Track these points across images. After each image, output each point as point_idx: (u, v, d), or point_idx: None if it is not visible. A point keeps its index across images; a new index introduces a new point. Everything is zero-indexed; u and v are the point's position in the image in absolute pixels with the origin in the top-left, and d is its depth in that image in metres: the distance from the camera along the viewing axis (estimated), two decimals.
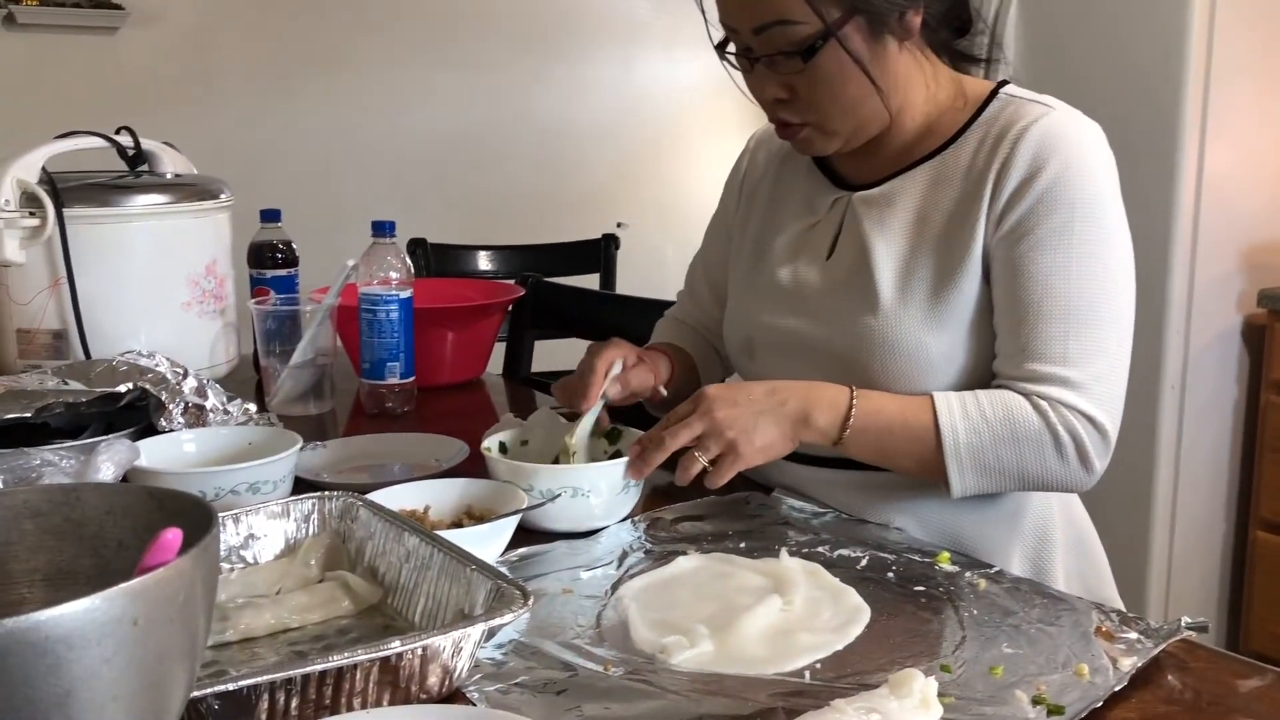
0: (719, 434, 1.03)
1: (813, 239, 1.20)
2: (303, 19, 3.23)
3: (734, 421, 1.03)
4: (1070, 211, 1.04)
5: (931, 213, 1.11)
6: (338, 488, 1.10)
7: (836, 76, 1.06)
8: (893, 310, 1.09)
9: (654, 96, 3.86)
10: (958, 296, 1.08)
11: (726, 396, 1.05)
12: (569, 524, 1.07)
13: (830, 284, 1.16)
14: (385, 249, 1.51)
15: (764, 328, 1.21)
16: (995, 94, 1.13)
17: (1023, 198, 1.05)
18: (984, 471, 1.05)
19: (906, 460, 1.08)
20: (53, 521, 0.66)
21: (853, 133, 1.12)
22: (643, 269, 3.57)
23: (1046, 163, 1.05)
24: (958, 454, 1.04)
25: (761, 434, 1.04)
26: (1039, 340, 1.04)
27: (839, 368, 1.12)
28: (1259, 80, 2.39)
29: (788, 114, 1.12)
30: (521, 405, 1.66)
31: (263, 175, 3.09)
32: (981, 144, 1.10)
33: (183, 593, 0.54)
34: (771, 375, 1.20)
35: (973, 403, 1.05)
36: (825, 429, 1.06)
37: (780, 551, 1.01)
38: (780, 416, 1.05)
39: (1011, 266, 1.06)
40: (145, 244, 1.50)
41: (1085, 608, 0.90)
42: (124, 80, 3.02)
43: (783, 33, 1.04)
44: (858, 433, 1.06)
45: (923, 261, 1.10)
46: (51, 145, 1.49)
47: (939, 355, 1.08)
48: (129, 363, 1.33)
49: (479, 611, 0.79)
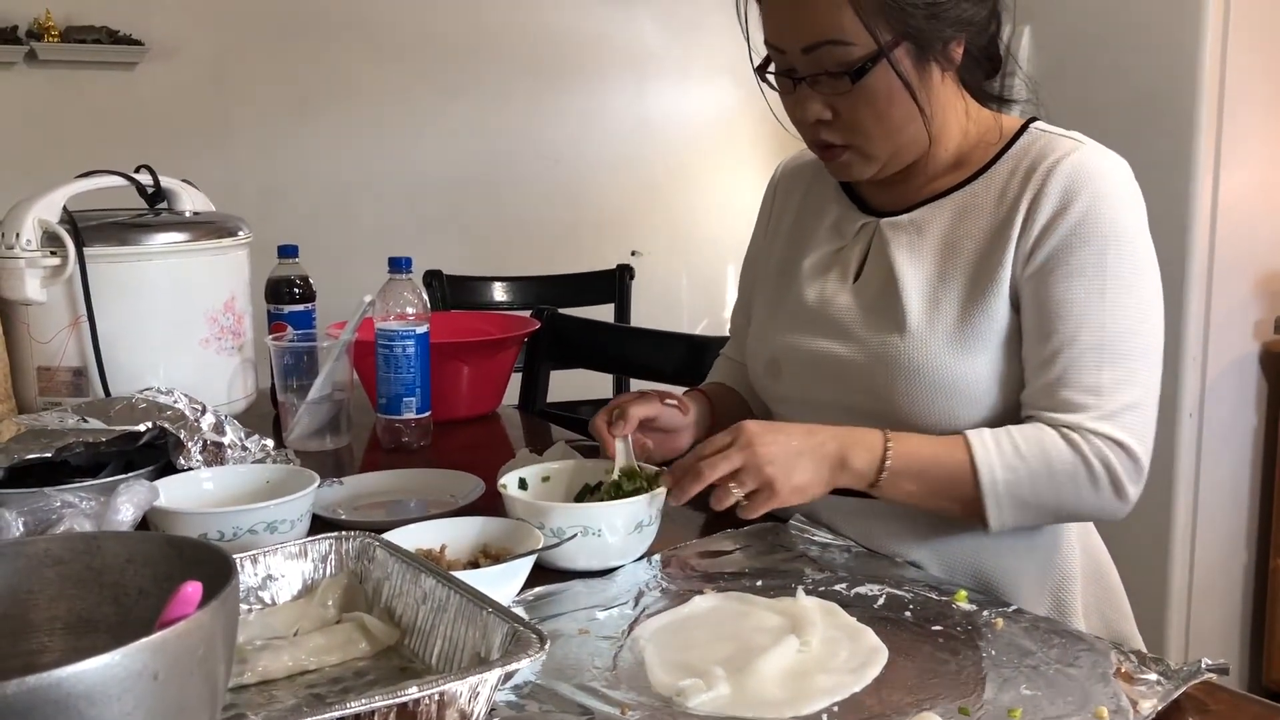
0: (757, 469, 1.03)
1: (839, 261, 1.21)
2: (319, 51, 3.27)
3: (773, 458, 1.03)
4: (1102, 243, 1.06)
5: (961, 240, 1.13)
6: (355, 526, 1.10)
7: (883, 98, 1.08)
8: (919, 333, 1.11)
9: (667, 125, 3.89)
10: (984, 322, 1.09)
11: (766, 432, 1.05)
12: (585, 563, 1.07)
13: (857, 306, 1.17)
14: (402, 285, 1.52)
15: (789, 348, 1.22)
16: (1025, 129, 1.15)
17: (1054, 231, 1.07)
18: (1021, 507, 1.06)
19: (943, 501, 1.08)
20: (74, 570, 0.67)
21: (891, 156, 1.13)
22: (658, 296, 3.59)
23: (1077, 196, 1.07)
24: (995, 492, 1.05)
25: (799, 473, 1.04)
26: (1072, 370, 1.06)
27: (864, 389, 1.14)
28: (1272, 107, 2.39)
29: (830, 135, 1.12)
30: (538, 438, 1.67)
31: (280, 207, 3.13)
32: (1012, 176, 1.12)
33: (203, 645, 0.54)
34: (796, 396, 1.23)
35: (1006, 439, 1.06)
36: (862, 471, 1.06)
37: (797, 590, 1.00)
38: (818, 458, 1.05)
39: (1043, 298, 1.08)
40: (164, 282, 1.51)
41: (1104, 648, 0.89)
42: (143, 114, 3.06)
43: (831, 52, 1.06)
44: (894, 475, 1.06)
45: (951, 287, 1.11)
46: (72, 185, 1.51)
47: (963, 379, 1.09)
48: (148, 400, 1.34)
49: (495, 655, 0.79)
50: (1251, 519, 2.49)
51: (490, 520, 1.08)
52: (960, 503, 1.07)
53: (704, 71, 3.92)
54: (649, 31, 3.80)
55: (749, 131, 4.05)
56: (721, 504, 1.04)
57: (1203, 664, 0.83)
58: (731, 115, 4.00)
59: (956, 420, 1.11)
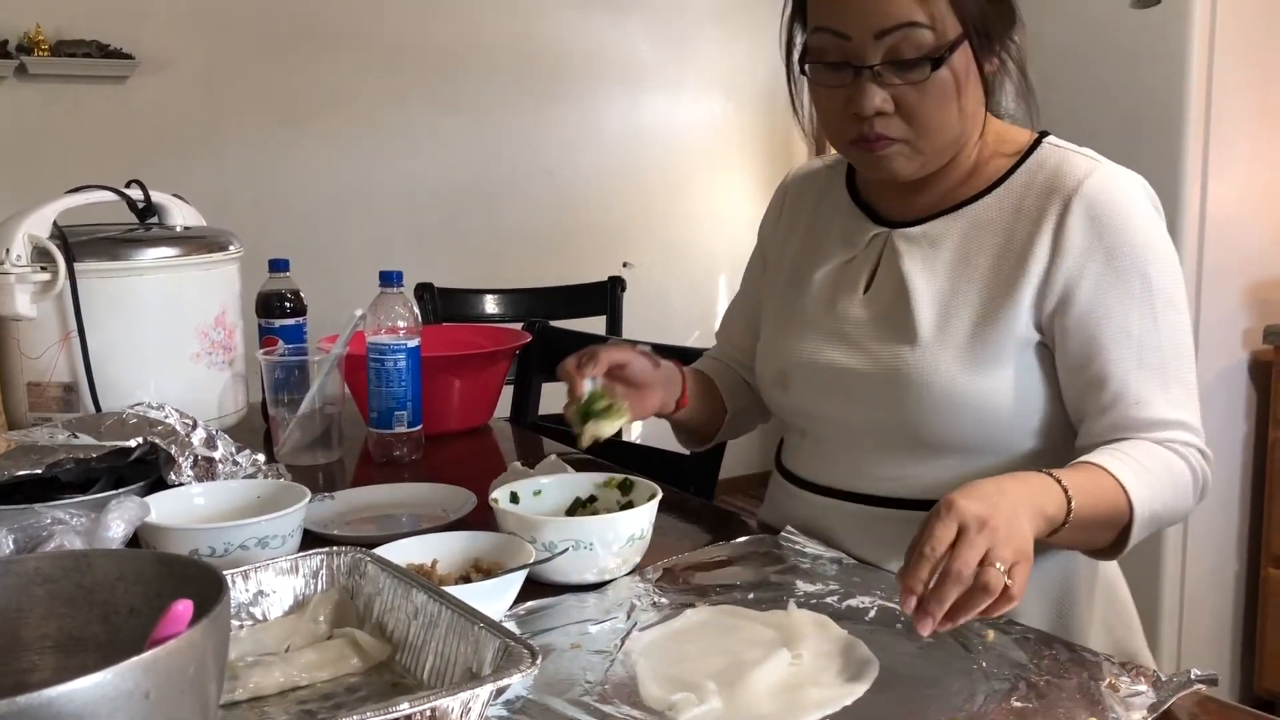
0: (1006, 541, 0.87)
1: (850, 272, 1.20)
2: (311, 64, 3.27)
3: (1010, 526, 0.88)
4: (1144, 266, 1.07)
5: (975, 255, 1.12)
6: (346, 541, 1.10)
7: (958, 88, 1.06)
8: (930, 345, 1.10)
9: (659, 138, 3.90)
10: (997, 338, 1.09)
11: (982, 502, 0.89)
12: (577, 576, 1.07)
13: (867, 317, 1.16)
14: (393, 298, 1.52)
15: (799, 360, 1.21)
16: (1038, 143, 1.15)
17: (1091, 261, 1.07)
18: (1152, 526, 1.04)
19: (1100, 534, 1.03)
20: (64, 588, 0.67)
21: (939, 153, 1.11)
22: (649, 307, 3.59)
23: (1109, 224, 1.07)
24: (1142, 516, 1.01)
25: (1029, 533, 0.91)
26: (1148, 391, 1.06)
27: (874, 402, 1.14)
28: (1259, 117, 2.40)
29: (886, 128, 1.08)
30: (529, 451, 1.67)
31: (271, 220, 3.13)
32: (1027, 191, 1.11)
33: (194, 664, 0.54)
34: (806, 407, 1.22)
35: (1132, 461, 1.03)
36: (1055, 517, 0.96)
37: (789, 603, 1.01)
38: (1027, 512, 0.92)
39: (1096, 327, 1.07)
40: (155, 296, 1.51)
41: (1095, 660, 0.90)
42: (134, 128, 3.06)
43: (910, 37, 1.03)
44: (1077, 516, 0.97)
45: (964, 301, 1.11)
46: (63, 200, 1.51)
47: (974, 394, 1.09)
48: (139, 415, 1.33)
49: (487, 671, 0.79)
50: (1242, 528, 2.50)
51: (482, 534, 1.08)
52: (1113, 532, 1.03)
53: (696, 85, 3.94)
54: (642, 45, 3.81)
55: (740, 144, 4.07)
56: (994, 592, 0.85)
57: (1192, 675, 0.84)
58: (723, 128, 4.02)
59: (966, 436, 1.10)
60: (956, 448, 1.12)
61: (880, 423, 1.14)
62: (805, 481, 1.24)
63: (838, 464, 1.20)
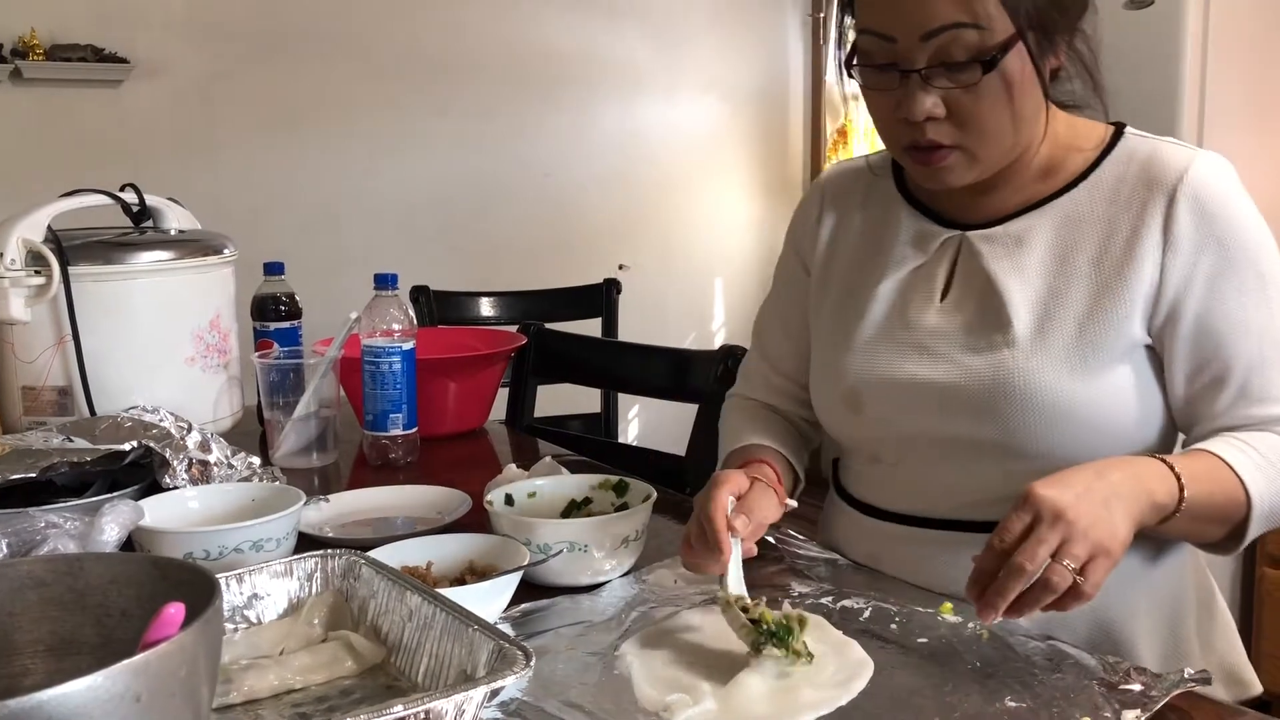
0: (1081, 536, 0.85)
1: (921, 280, 1.12)
2: (306, 68, 3.27)
3: (1091, 517, 0.86)
4: (1256, 253, 1.02)
5: (1071, 253, 1.05)
6: (341, 544, 1.10)
7: (1013, 91, 0.99)
8: (1032, 351, 1.03)
9: (654, 140, 3.90)
10: (1106, 338, 1.02)
11: (1065, 492, 0.87)
12: (572, 578, 1.07)
13: (951, 325, 1.08)
14: (388, 301, 1.52)
15: (872, 378, 1.12)
16: (1120, 134, 1.09)
17: (1205, 252, 1.01)
18: (1271, 519, 0.99)
19: (1215, 527, 0.99)
20: (56, 592, 0.67)
21: (998, 160, 1.04)
22: (645, 310, 3.59)
23: (1217, 212, 1.01)
24: (1261, 508, 0.97)
25: (1121, 525, 0.88)
26: (1270, 385, 1.02)
27: (967, 414, 1.06)
28: (1252, 118, 2.41)
29: (938, 134, 1.01)
30: (524, 454, 1.67)
31: (266, 224, 3.13)
32: (1121, 182, 1.05)
33: (185, 666, 0.54)
34: (883, 428, 1.13)
35: (1252, 451, 0.98)
36: (1166, 505, 0.93)
37: (784, 604, 1.01)
38: (1127, 501, 0.89)
39: (1214, 320, 1.02)
40: (150, 300, 1.51)
41: (1088, 658, 0.90)
42: (129, 132, 3.05)
43: (959, 38, 0.96)
44: (1190, 504, 0.93)
45: (1065, 301, 1.04)
46: (57, 204, 1.51)
47: (1082, 400, 1.02)
48: (133, 419, 1.34)
49: (481, 672, 0.79)
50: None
51: (477, 537, 1.08)
52: (1229, 525, 0.99)
53: (691, 87, 3.94)
54: (637, 48, 3.81)
55: (735, 146, 4.07)
56: (1059, 590, 0.84)
57: (1185, 674, 0.84)
58: (718, 130, 4.02)
59: (1072, 448, 1.01)
60: (1056, 459, 1.01)
61: (975, 439, 1.06)
62: (879, 510, 1.16)
63: (919, 487, 1.12)
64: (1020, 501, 0.87)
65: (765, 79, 4.11)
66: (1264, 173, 2.44)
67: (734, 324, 4.13)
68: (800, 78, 4.18)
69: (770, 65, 4.11)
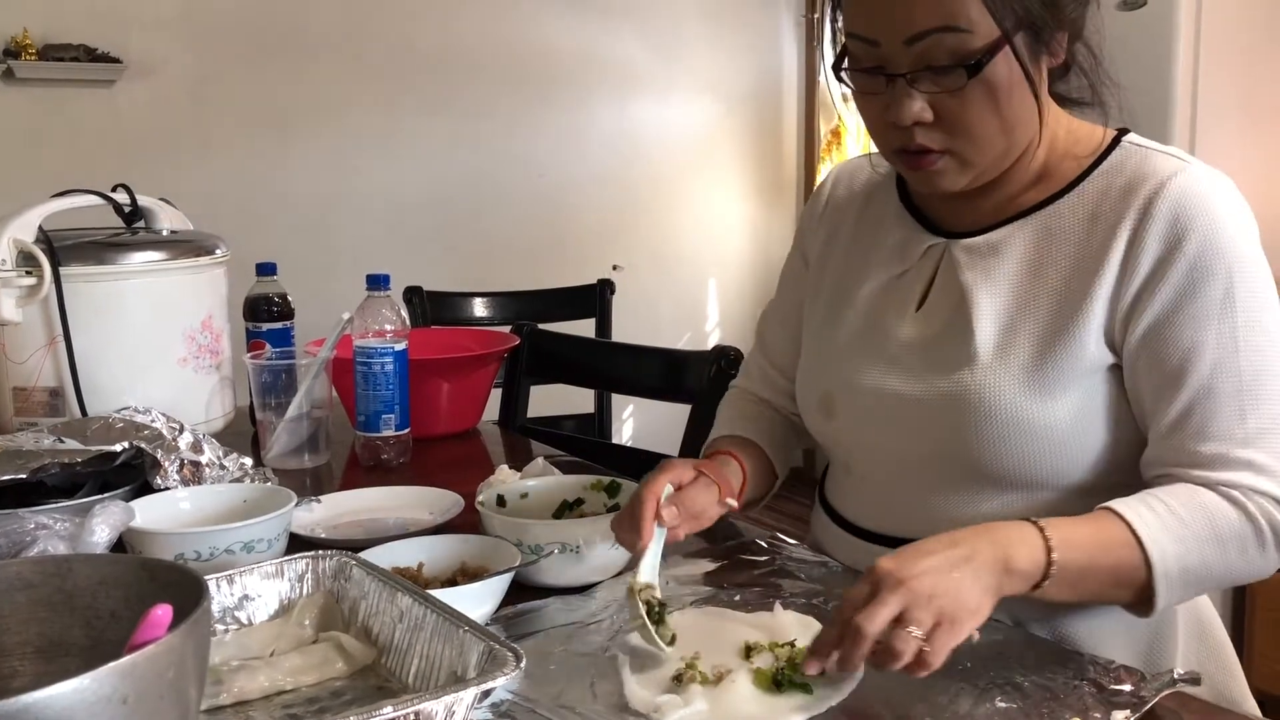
0: (925, 603, 0.83)
1: (901, 288, 1.10)
2: (299, 68, 3.27)
3: (934, 587, 0.83)
4: (1228, 278, 0.95)
5: (1044, 267, 1.01)
6: (332, 545, 1.10)
7: (1001, 94, 0.95)
8: (992, 368, 1.00)
9: (648, 141, 3.90)
10: (1067, 358, 0.98)
11: (909, 562, 0.85)
12: (563, 579, 1.07)
13: (921, 337, 1.06)
14: (380, 302, 1.52)
15: (844, 383, 1.11)
16: (1117, 142, 1.04)
17: (1170, 269, 0.95)
18: (1189, 583, 0.93)
19: (1110, 590, 0.93)
20: (44, 593, 0.67)
21: (991, 165, 1.01)
22: (639, 310, 3.59)
23: (1190, 229, 0.95)
24: (1167, 573, 0.91)
25: (969, 594, 0.85)
26: (1213, 422, 0.94)
27: (929, 430, 1.04)
28: (1245, 120, 2.42)
29: (927, 139, 0.98)
30: (517, 454, 1.67)
31: (258, 224, 3.12)
32: (1105, 195, 1.00)
33: (173, 668, 0.54)
34: (852, 436, 1.12)
35: (1163, 508, 0.92)
36: (1029, 572, 0.88)
37: (775, 604, 1.01)
38: (978, 568, 0.86)
39: (1167, 344, 0.96)
40: (142, 301, 1.50)
41: (1079, 659, 0.90)
42: (121, 132, 3.05)
43: (942, 42, 0.93)
44: (1062, 570, 0.89)
45: (1030, 318, 1.00)
46: (48, 204, 1.50)
47: (1041, 421, 0.98)
48: (125, 420, 1.33)
49: (472, 674, 0.79)
50: None
51: (468, 538, 1.09)
52: (1130, 590, 0.92)
53: (686, 87, 3.94)
54: (632, 48, 3.81)
55: (729, 147, 4.07)
56: (902, 657, 0.82)
57: (1175, 674, 0.84)
58: (712, 131, 4.02)
59: (1032, 469, 1.00)
60: (1021, 482, 1.01)
61: (935, 455, 1.04)
62: (849, 523, 1.15)
63: (886, 503, 1.11)
64: (865, 573, 0.86)
65: (759, 80, 4.11)
66: (1256, 173, 2.45)
67: (728, 324, 4.13)
68: (794, 78, 4.18)
69: (764, 66, 4.11)
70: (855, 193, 1.21)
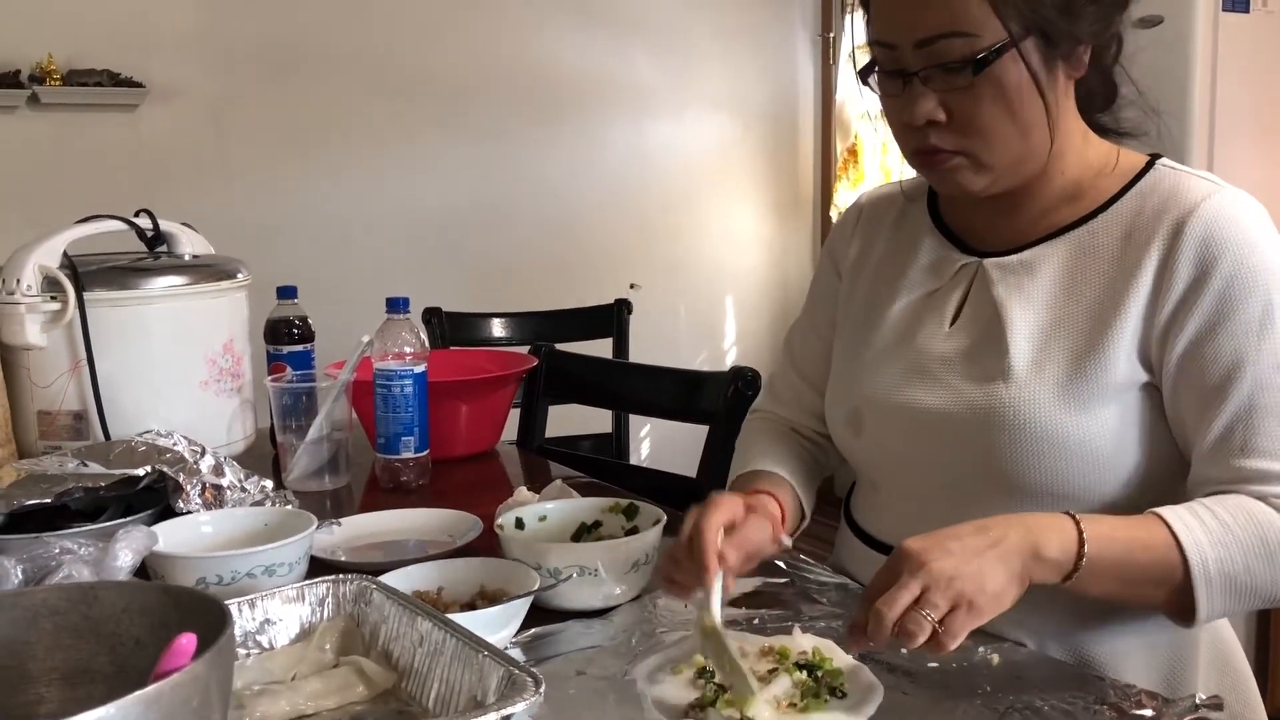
0: (944, 586, 0.84)
1: (933, 305, 1.11)
2: (318, 91, 3.30)
3: (955, 570, 0.85)
4: (1264, 295, 0.96)
5: (1079, 285, 1.03)
6: (353, 568, 1.11)
7: (1009, 94, 0.98)
8: (1026, 383, 1.01)
9: (663, 159, 3.92)
10: (1099, 374, 0.99)
11: (934, 545, 0.87)
12: (583, 603, 1.07)
13: (953, 353, 1.07)
14: (400, 325, 1.53)
15: (874, 399, 1.12)
16: (1151, 165, 1.06)
17: (1205, 289, 0.97)
18: (1234, 592, 0.92)
19: (1147, 588, 0.93)
20: (70, 620, 0.67)
21: (1009, 167, 1.02)
22: (656, 329, 3.60)
23: (1223, 250, 0.97)
24: (1207, 576, 0.91)
25: (991, 578, 0.86)
26: (1257, 437, 0.95)
27: (961, 444, 1.04)
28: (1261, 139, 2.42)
29: (940, 139, 1.01)
30: (535, 475, 1.67)
31: (278, 246, 3.15)
32: (1138, 215, 1.02)
33: (197, 696, 0.55)
34: (881, 452, 1.13)
35: (1208, 515, 0.93)
36: (1058, 561, 0.90)
37: (794, 627, 1.01)
38: (1004, 554, 0.88)
39: (1206, 362, 0.97)
40: (164, 325, 1.52)
41: (1100, 683, 0.90)
42: (143, 155, 3.08)
43: (951, 45, 0.97)
44: (1094, 562, 0.90)
45: (1064, 334, 1.02)
46: (73, 230, 1.52)
47: (1074, 437, 0.99)
48: (147, 443, 1.35)
49: (491, 699, 0.79)
50: None
51: (487, 561, 1.09)
52: (1166, 589, 0.93)
53: (700, 106, 3.96)
54: (645, 68, 3.83)
55: (745, 165, 4.08)
56: (916, 639, 0.83)
57: (1197, 699, 0.84)
58: (727, 149, 4.03)
59: (1066, 483, 1.00)
60: (1051, 496, 1.01)
61: (968, 470, 1.05)
62: (876, 541, 1.15)
63: (914, 519, 1.05)
64: (893, 553, 0.88)
65: (775, 98, 4.12)
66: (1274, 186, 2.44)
67: (745, 342, 4.13)
68: (810, 96, 4.19)
69: (780, 84, 4.12)
70: (888, 213, 1.23)
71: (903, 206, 1.21)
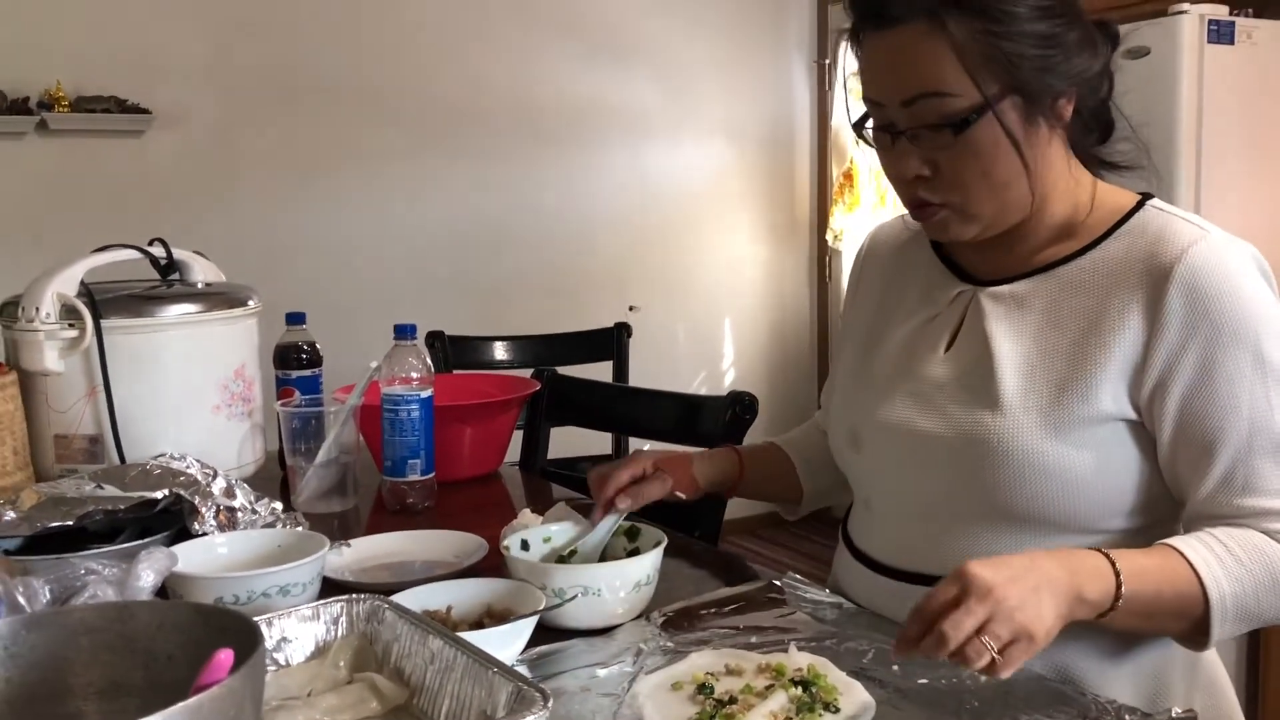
0: (1007, 618, 0.87)
1: (930, 331, 1.16)
2: (322, 117, 3.35)
3: (1020, 601, 0.88)
4: (1255, 342, 1.00)
5: (1065, 318, 1.07)
6: (363, 588, 1.14)
7: (987, 153, 1.03)
8: (1012, 411, 1.05)
9: (662, 183, 3.97)
10: (1082, 407, 1.03)
11: (999, 574, 0.89)
12: (586, 621, 1.11)
13: (947, 379, 1.12)
14: (406, 350, 1.57)
15: (872, 419, 1.17)
16: (1140, 205, 1.10)
17: (1194, 336, 1.00)
18: (1242, 619, 0.99)
19: (1170, 623, 1.00)
20: (107, 638, 0.71)
21: (994, 217, 1.08)
22: (656, 348, 3.65)
23: (1213, 298, 1.00)
24: (1224, 610, 0.97)
25: (1047, 613, 0.89)
26: (1255, 478, 1.00)
27: (951, 467, 1.09)
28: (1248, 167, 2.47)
29: (928, 193, 1.07)
30: (538, 497, 1.71)
31: (284, 271, 3.19)
32: (1127, 255, 1.06)
33: (234, 709, 0.59)
34: (877, 470, 1.19)
35: (1222, 550, 0.98)
36: (1098, 602, 0.94)
37: (790, 645, 1.05)
38: (1056, 592, 0.91)
39: (1201, 406, 1.01)
40: (178, 351, 1.56)
41: (1082, 698, 0.94)
42: (150, 181, 3.13)
43: (932, 105, 1.01)
44: (1129, 601, 0.94)
45: (1050, 365, 1.06)
46: (89, 259, 1.56)
47: (1057, 464, 1.03)
48: (161, 466, 1.38)
49: (501, 713, 0.83)
50: None
51: (494, 581, 1.13)
52: (1185, 622, 0.99)
53: (698, 131, 4.02)
54: (644, 92, 3.89)
55: (743, 188, 4.14)
56: (973, 665, 0.87)
57: (1172, 713, 0.88)
58: (725, 173, 4.09)
59: (1048, 509, 1.05)
60: (1038, 521, 1.06)
61: (953, 492, 1.09)
62: (868, 558, 1.19)
63: (903, 539, 1.15)
64: (953, 574, 0.90)
65: (772, 122, 4.18)
66: (1260, 213, 2.49)
67: (743, 364, 4.17)
68: (806, 121, 4.25)
69: (776, 109, 4.18)
70: (890, 244, 1.30)
71: (905, 238, 1.27)
